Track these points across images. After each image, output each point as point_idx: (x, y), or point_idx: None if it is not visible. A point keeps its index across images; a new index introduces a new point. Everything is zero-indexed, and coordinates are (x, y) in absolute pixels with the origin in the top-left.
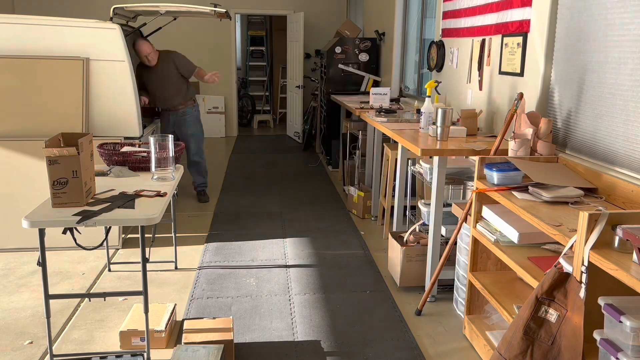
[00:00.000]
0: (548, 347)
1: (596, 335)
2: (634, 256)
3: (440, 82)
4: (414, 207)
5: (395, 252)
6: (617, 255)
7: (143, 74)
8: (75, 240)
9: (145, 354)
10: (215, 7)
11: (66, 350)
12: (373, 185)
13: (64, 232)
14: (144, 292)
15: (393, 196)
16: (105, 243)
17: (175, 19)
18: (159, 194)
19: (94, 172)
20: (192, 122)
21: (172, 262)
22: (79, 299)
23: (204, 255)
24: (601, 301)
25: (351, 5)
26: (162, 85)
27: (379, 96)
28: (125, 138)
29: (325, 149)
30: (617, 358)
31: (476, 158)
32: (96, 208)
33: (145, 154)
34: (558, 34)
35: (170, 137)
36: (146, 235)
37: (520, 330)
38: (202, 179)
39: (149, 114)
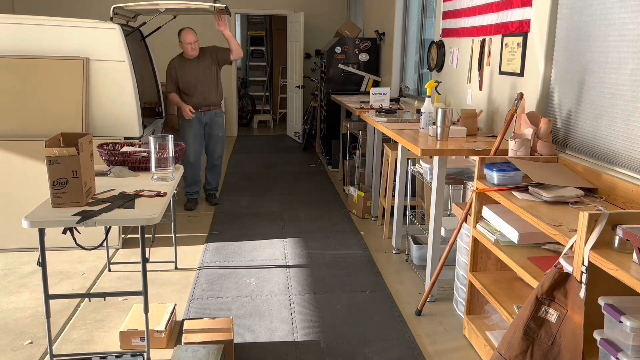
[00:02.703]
0: (548, 347)
1: (596, 335)
2: (634, 256)
3: (440, 82)
4: (414, 207)
5: None
6: (617, 255)
7: (179, 69)
8: (75, 240)
9: (145, 354)
10: (215, 2)
11: (66, 350)
12: (373, 185)
13: (64, 232)
14: (144, 292)
15: (393, 196)
16: (105, 243)
17: (175, 17)
18: (159, 194)
19: (94, 172)
20: (221, 123)
21: (172, 262)
22: (79, 299)
23: (204, 255)
24: (601, 301)
25: (351, 5)
26: (202, 80)
27: (379, 96)
28: (125, 138)
29: (325, 149)
30: (617, 358)
31: (476, 158)
32: (96, 208)
33: (145, 154)
34: (558, 34)
35: (170, 137)
36: (146, 235)
37: (520, 330)
38: (217, 183)
39: (149, 114)
